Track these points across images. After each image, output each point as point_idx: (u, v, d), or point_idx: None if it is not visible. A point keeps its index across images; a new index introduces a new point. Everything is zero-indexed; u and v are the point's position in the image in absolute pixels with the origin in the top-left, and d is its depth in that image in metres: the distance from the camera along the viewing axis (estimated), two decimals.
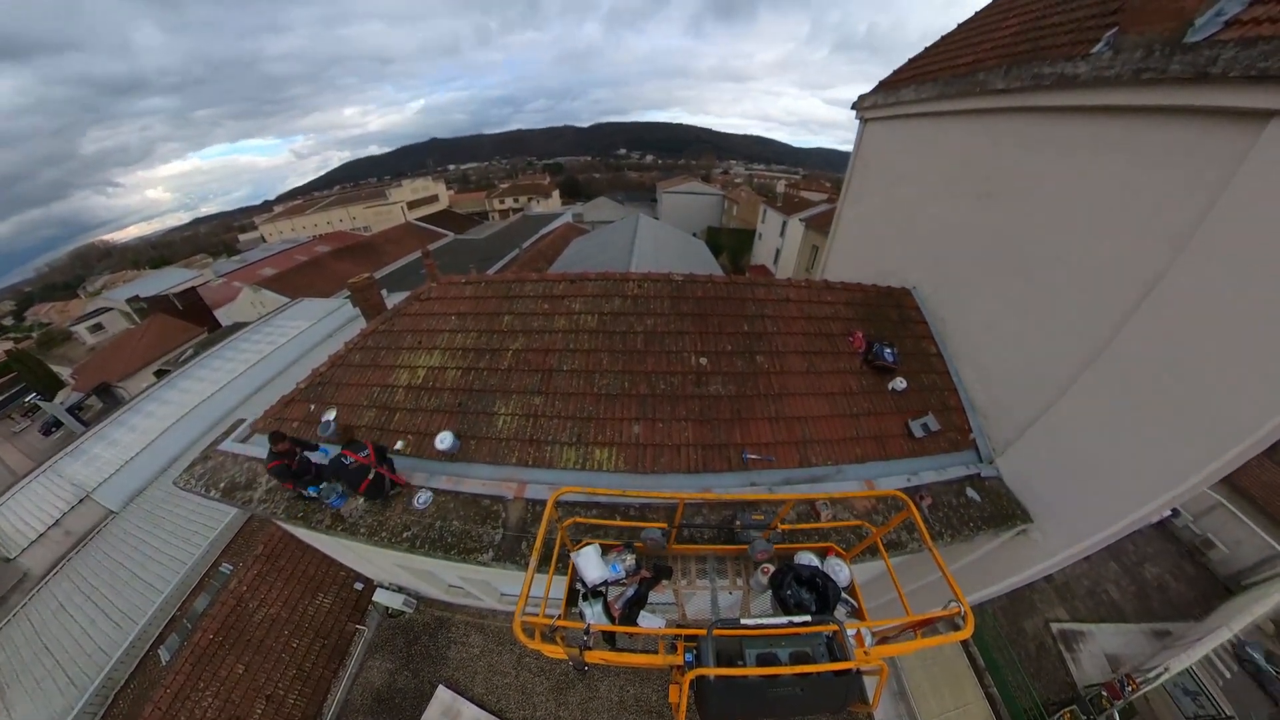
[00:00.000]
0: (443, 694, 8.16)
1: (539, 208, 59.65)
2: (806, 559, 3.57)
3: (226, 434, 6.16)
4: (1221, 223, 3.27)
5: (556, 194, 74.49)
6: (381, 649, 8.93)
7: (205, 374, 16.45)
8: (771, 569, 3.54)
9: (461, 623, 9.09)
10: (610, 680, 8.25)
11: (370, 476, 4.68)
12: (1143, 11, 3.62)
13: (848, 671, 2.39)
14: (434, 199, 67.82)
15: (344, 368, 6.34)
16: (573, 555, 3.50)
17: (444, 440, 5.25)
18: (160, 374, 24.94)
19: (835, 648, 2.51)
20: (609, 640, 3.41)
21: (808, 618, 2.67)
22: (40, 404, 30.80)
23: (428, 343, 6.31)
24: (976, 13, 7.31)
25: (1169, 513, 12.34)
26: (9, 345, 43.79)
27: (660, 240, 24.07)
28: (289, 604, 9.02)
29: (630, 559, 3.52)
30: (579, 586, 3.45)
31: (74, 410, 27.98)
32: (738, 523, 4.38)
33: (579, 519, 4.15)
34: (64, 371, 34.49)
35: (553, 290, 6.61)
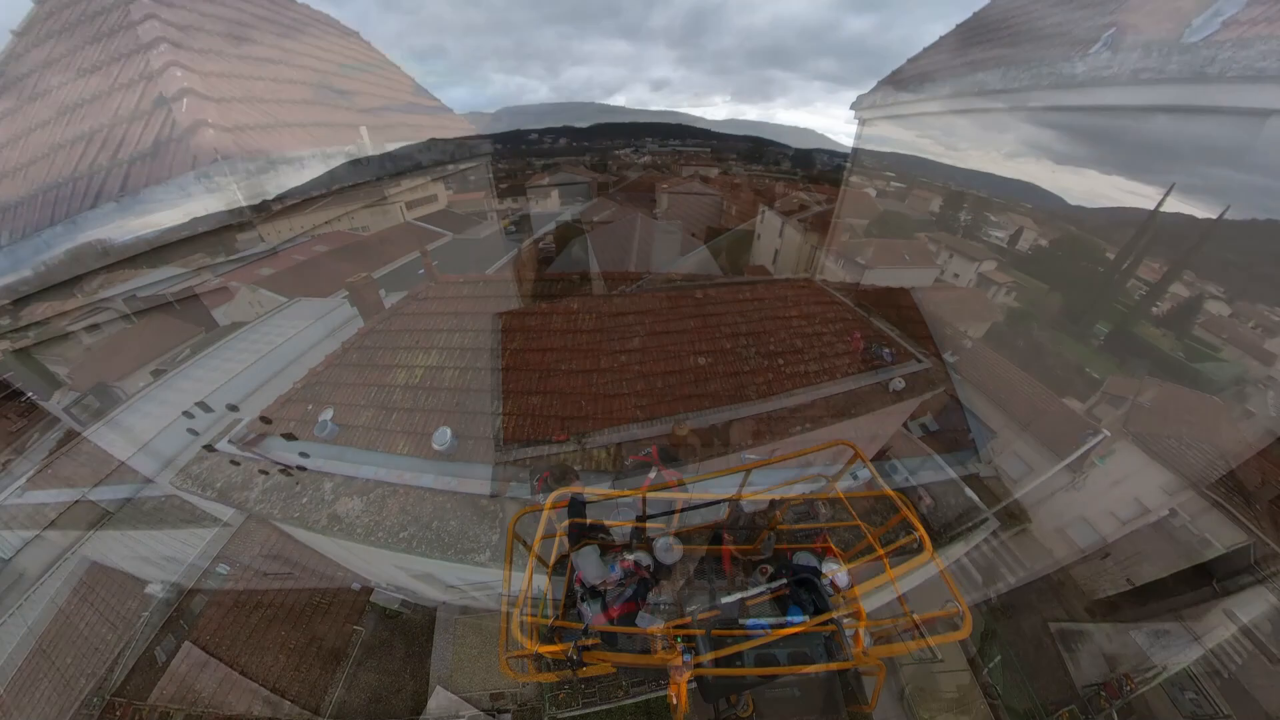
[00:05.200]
0: (441, 694, 8.14)
1: (538, 208, 59.57)
2: (805, 559, 3.55)
3: (223, 434, 6.14)
4: None
5: (555, 194, 74.45)
6: (379, 649, 8.90)
7: (202, 374, 16.37)
8: (770, 569, 3.52)
9: (460, 623, 9.06)
10: (610, 680, 8.22)
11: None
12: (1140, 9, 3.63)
13: (845, 671, 2.38)
14: (433, 199, 67.84)
15: (341, 367, 6.32)
16: (572, 556, 3.47)
17: (442, 439, 5.23)
18: (157, 373, 24.85)
19: (833, 647, 2.50)
20: (608, 640, 3.39)
21: (806, 618, 2.66)
22: (36, 403, 30.71)
23: (425, 342, 6.29)
24: (974, 14, 7.32)
25: (1167, 513, 12.38)
26: (5, 344, 43.68)
27: (659, 240, 24.02)
28: (286, 605, 8.99)
29: (629, 559, 3.49)
30: (578, 587, 3.43)
31: (70, 410, 27.89)
32: (725, 535, 4.27)
33: (578, 519, 4.11)
34: (60, 371, 34.40)
35: (551, 290, 6.60)
